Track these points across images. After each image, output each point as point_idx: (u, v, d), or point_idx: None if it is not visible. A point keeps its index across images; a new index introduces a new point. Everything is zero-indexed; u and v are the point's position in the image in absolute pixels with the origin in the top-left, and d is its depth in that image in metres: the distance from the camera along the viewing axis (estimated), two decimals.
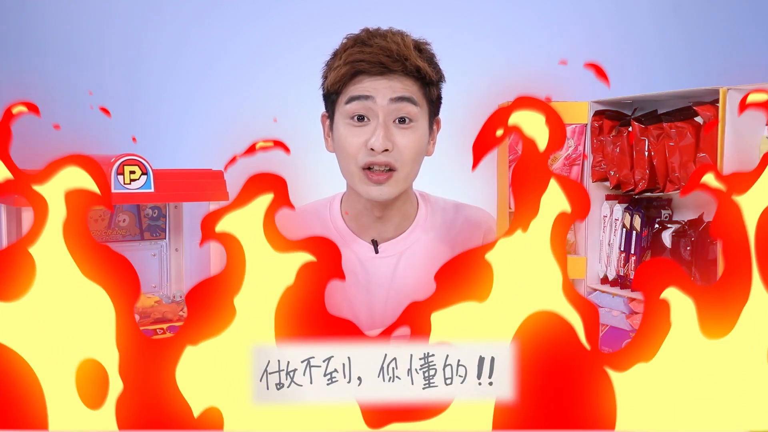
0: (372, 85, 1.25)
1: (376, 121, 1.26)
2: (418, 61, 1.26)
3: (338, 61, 1.28)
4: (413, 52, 1.26)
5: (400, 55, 1.25)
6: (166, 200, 1.08)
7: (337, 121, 1.31)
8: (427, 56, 1.30)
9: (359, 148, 1.27)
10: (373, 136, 1.26)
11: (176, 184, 1.03)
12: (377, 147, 1.26)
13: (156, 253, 1.17)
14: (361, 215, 1.42)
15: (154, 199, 1.00)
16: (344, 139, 1.29)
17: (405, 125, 1.28)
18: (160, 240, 1.17)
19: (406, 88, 1.26)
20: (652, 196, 1.14)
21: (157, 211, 1.16)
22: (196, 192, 1.05)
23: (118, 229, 1.13)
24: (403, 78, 1.26)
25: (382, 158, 1.27)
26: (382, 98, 1.25)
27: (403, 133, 1.28)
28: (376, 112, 1.26)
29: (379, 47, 1.25)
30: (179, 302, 1.11)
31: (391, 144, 1.26)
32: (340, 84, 1.27)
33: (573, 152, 1.19)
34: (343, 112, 1.28)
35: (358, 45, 1.27)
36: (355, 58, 1.25)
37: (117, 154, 0.97)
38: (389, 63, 1.24)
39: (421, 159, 1.34)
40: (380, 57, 1.24)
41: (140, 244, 1.15)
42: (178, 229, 1.18)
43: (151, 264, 1.16)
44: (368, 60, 1.24)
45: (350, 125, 1.28)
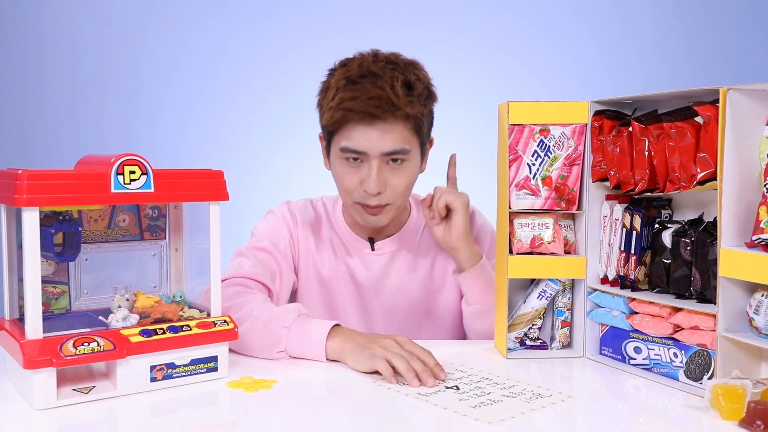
0: (365, 135, 1.28)
1: (369, 164, 1.31)
2: (407, 107, 1.28)
3: (331, 101, 1.30)
4: (403, 97, 1.28)
5: (389, 103, 1.26)
6: (166, 200, 1.08)
7: (333, 156, 1.36)
8: (417, 92, 1.31)
9: (355, 187, 1.33)
10: (368, 179, 1.30)
11: (176, 184, 1.03)
12: (371, 191, 1.31)
13: (156, 253, 1.17)
14: (358, 223, 1.46)
15: (154, 199, 1.00)
16: (341, 176, 1.35)
17: (398, 165, 1.33)
18: (160, 240, 1.17)
19: (396, 138, 1.29)
20: (652, 196, 1.14)
21: (157, 211, 1.16)
22: (196, 192, 1.05)
23: (118, 229, 1.13)
24: (395, 123, 1.28)
25: (374, 201, 1.33)
26: (374, 152, 1.29)
27: (395, 173, 1.33)
28: (369, 159, 1.30)
29: (368, 96, 1.26)
30: (179, 302, 1.12)
31: (384, 186, 1.32)
32: (334, 126, 1.31)
33: (573, 152, 1.20)
34: (338, 153, 1.33)
35: (349, 87, 1.28)
36: (347, 105, 1.27)
37: (117, 154, 0.97)
38: (379, 114, 1.26)
39: (414, 184, 1.39)
40: (369, 108, 1.26)
41: (140, 244, 1.15)
42: (178, 229, 1.18)
43: (151, 264, 1.17)
44: (359, 110, 1.26)
45: (345, 165, 1.33)
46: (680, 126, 1.04)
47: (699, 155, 1.02)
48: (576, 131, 1.19)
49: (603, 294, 1.18)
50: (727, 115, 0.94)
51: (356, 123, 1.28)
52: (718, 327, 0.97)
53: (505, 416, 0.91)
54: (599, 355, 1.21)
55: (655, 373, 1.10)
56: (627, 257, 1.13)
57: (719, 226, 0.96)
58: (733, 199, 0.96)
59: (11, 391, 1.01)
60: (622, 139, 1.13)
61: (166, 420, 0.94)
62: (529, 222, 1.21)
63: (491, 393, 1.01)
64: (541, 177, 1.20)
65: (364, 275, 1.46)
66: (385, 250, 1.47)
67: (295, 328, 1.17)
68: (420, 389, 1.02)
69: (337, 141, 1.32)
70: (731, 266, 0.94)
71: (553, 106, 1.19)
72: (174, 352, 1.02)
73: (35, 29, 3.00)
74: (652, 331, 1.09)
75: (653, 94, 1.10)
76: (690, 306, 1.03)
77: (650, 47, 3.05)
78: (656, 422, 0.95)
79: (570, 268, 1.21)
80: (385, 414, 0.94)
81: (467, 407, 0.95)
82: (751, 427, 0.84)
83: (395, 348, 1.10)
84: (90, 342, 0.95)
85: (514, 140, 1.20)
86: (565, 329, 1.25)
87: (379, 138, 1.28)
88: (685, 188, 1.04)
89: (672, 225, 1.11)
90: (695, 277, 1.04)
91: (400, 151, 1.30)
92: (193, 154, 3.00)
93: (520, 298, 1.28)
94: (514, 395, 1.00)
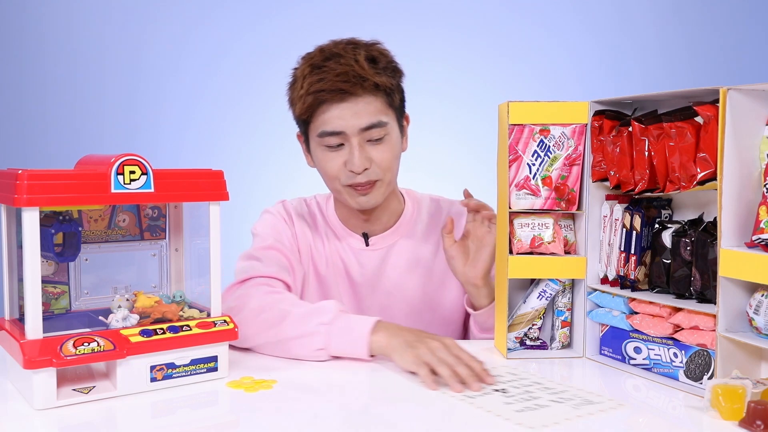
0: (339, 115, 1.28)
1: (349, 144, 1.30)
2: (375, 77, 1.29)
3: (300, 90, 1.30)
4: (368, 69, 1.28)
5: (357, 76, 1.27)
6: (166, 200, 1.08)
7: (313, 146, 1.36)
8: (382, 65, 1.32)
9: (339, 170, 1.33)
10: (351, 158, 1.30)
11: (176, 184, 1.03)
12: (356, 169, 1.30)
13: (156, 253, 1.17)
14: (351, 216, 1.46)
15: (154, 199, 1.00)
16: (323, 163, 1.34)
17: (378, 142, 1.32)
18: (160, 240, 1.17)
19: (371, 111, 1.29)
20: (652, 196, 1.14)
21: (157, 211, 1.16)
22: (196, 192, 1.05)
23: (118, 229, 1.13)
24: (366, 96, 1.28)
25: (362, 178, 1.32)
26: (351, 130, 1.29)
27: (377, 148, 1.32)
28: (348, 138, 1.30)
29: (335, 73, 1.27)
30: (179, 302, 1.12)
31: (369, 161, 1.31)
32: (308, 114, 1.31)
33: (573, 152, 1.20)
34: (317, 140, 1.32)
35: (315, 71, 1.29)
36: (316, 88, 1.27)
37: (117, 154, 0.97)
38: (348, 87, 1.27)
39: (398, 160, 1.38)
40: (338, 84, 1.26)
41: (140, 244, 1.15)
42: (178, 229, 1.18)
43: (151, 264, 1.17)
44: (328, 89, 1.27)
45: (327, 151, 1.33)
46: (680, 126, 1.04)
47: (699, 155, 1.01)
48: (576, 131, 1.19)
49: (603, 294, 1.18)
50: (727, 115, 0.94)
51: (329, 104, 1.28)
52: (718, 327, 0.97)
53: (548, 422, 0.88)
54: (599, 355, 1.21)
55: (655, 373, 1.10)
56: (627, 257, 1.13)
57: (719, 226, 0.96)
58: (733, 199, 0.95)
59: (11, 391, 1.01)
60: (622, 139, 1.13)
61: (166, 420, 0.94)
62: (529, 222, 1.21)
63: (539, 398, 0.98)
64: (541, 177, 1.20)
65: (359, 272, 1.45)
66: (379, 245, 1.46)
67: (337, 323, 1.15)
68: (468, 392, 1.00)
69: (313, 129, 1.32)
70: (731, 266, 0.94)
71: (553, 106, 1.19)
72: (174, 352, 1.02)
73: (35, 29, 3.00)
74: (652, 331, 1.09)
75: (653, 94, 1.10)
76: (690, 306, 1.03)
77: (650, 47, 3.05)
78: (656, 422, 0.95)
79: (570, 268, 1.21)
80: (384, 413, 0.95)
81: (511, 411, 0.92)
82: (751, 427, 0.84)
83: (441, 352, 1.06)
84: (90, 342, 0.95)
85: (514, 140, 1.20)
86: (565, 329, 1.25)
87: (354, 115, 1.28)
88: (685, 188, 1.03)
89: (672, 225, 1.11)
90: (695, 277, 1.04)
91: (377, 124, 1.29)
92: (193, 154, 3.00)
93: (520, 298, 1.27)
94: (563, 401, 0.97)
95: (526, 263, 1.20)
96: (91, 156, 1.07)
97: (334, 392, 1.05)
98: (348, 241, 1.47)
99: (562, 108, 1.19)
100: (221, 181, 1.07)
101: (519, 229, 1.21)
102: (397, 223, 1.48)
